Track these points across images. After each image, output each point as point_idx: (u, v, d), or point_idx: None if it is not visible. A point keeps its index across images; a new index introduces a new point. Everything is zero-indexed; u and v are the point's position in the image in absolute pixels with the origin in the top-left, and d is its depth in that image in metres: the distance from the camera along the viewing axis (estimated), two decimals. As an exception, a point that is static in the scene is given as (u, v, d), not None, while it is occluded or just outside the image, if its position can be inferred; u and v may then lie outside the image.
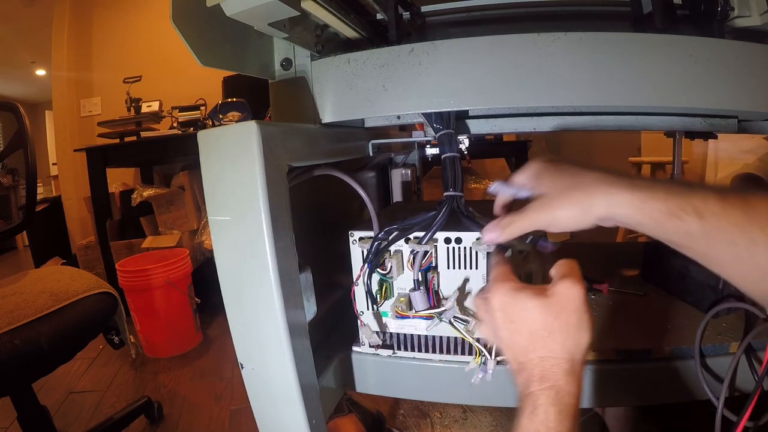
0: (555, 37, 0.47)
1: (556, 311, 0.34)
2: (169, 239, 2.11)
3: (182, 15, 0.43)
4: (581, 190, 0.34)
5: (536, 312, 0.34)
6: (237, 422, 1.27)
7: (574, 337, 0.33)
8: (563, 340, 0.33)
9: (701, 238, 0.31)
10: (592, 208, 0.33)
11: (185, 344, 1.79)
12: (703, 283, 0.69)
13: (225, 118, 1.86)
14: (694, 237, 0.31)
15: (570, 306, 0.34)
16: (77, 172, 2.82)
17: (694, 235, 0.31)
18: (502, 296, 0.36)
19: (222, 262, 0.45)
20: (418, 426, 1.19)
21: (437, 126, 0.56)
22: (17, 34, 3.67)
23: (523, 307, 0.35)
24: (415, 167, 1.03)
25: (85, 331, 0.86)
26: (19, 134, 1.07)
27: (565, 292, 0.34)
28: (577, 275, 0.35)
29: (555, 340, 0.33)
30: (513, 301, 0.36)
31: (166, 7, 0.41)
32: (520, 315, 0.35)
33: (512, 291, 0.36)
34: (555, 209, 0.35)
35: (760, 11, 0.53)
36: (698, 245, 0.31)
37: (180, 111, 2.30)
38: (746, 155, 2.29)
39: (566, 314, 0.34)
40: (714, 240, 0.30)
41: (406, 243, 0.54)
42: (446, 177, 0.53)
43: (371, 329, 0.58)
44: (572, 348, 0.33)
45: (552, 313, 0.34)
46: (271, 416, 0.49)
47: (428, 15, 0.66)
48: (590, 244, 1.10)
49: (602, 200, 0.32)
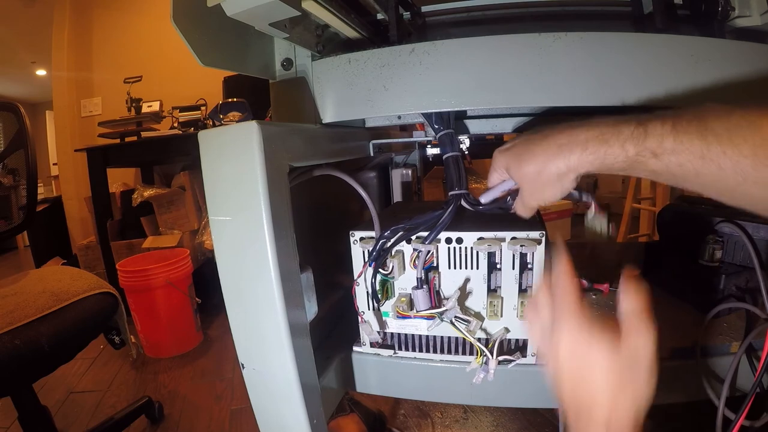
0: (555, 37, 0.47)
1: (629, 365, 0.32)
2: (169, 239, 2.11)
3: (183, 15, 0.43)
4: (544, 175, 0.38)
5: (608, 368, 0.32)
6: (237, 422, 1.27)
7: (643, 392, 0.32)
8: (633, 395, 0.32)
9: (665, 174, 0.33)
10: (563, 182, 0.38)
11: (186, 344, 1.79)
12: (703, 283, 0.69)
13: (225, 118, 1.86)
14: (658, 174, 0.33)
15: (643, 361, 0.32)
16: (78, 172, 2.83)
17: (658, 173, 0.33)
18: (571, 344, 0.34)
19: (223, 262, 0.45)
20: (419, 426, 1.19)
21: (437, 126, 0.57)
22: (17, 34, 3.67)
23: (595, 360, 0.33)
24: (416, 167, 1.03)
25: (85, 331, 0.85)
26: (20, 134, 1.07)
27: (639, 342, 0.32)
28: (648, 314, 0.33)
29: (625, 396, 0.32)
30: (583, 354, 0.33)
31: (167, 7, 0.41)
32: (590, 370, 0.33)
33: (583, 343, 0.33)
34: (534, 197, 0.40)
35: (760, 11, 0.53)
36: (666, 179, 0.34)
37: (180, 111, 2.30)
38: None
39: (639, 368, 0.32)
40: (678, 173, 0.32)
41: (408, 243, 0.54)
42: (450, 176, 0.53)
43: (372, 327, 0.58)
44: (640, 402, 0.32)
45: (625, 367, 0.32)
46: (272, 416, 0.49)
47: (428, 15, 0.66)
48: (590, 244, 1.10)
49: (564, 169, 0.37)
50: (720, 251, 0.68)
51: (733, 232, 0.66)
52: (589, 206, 0.48)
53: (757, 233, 0.64)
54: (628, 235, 2.62)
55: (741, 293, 0.65)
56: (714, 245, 0.68)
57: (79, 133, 2.93)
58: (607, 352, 0.32)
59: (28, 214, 1.10)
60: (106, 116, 2.61)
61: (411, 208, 0.77)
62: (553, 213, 2.99)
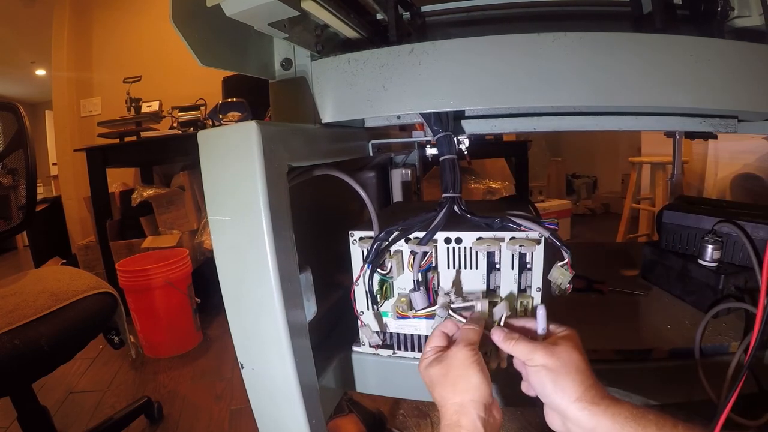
0: (555, 37, 0.47)
1: (446, 369, 0.44)
2: (169, 239, 2.11)
3: (182, 15, 0.43)
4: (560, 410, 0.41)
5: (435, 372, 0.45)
6: (237, 422, 1.27)
7: (461, 385, 0.42)
8: (456, 391, 0.42)
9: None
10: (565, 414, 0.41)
11: (185, 344, 1.79)
12: (703, 283, 0.69)
13: (225, 118, 1.86)
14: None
15: (455, 364, 0.44)
16: (77, 172, 2.82)
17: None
18: (421, 373, 0.47)
19: (222, 262, 0.45)
20: (418, 426, 1.19)
21: (436, 128, 0.57)
22: (17, 34, 3.67)
23: (432, 374, 0.45)
24: (415, 167, 1.03)
25: (85, 331, 0.85)
26: (19, 134, 1.07)
27: (452, 355, 0.44)
28: (470, 341, 0.45)
29: (452, 392, 0.43)
30: (425, 374, 0.46)
31: (166, 7, 0.41)
32: (431, 382, 0.46)
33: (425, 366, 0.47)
34: (547, 385, 0.41)
35: (759, 11, 0.53)
36: None
37: (180, 111, 2.30)
38: (746, 155, 2.29)
39: (457, 371, 0.43)
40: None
41: (406, 243, 0.54)
42: (445, 179, 0.54)
43: (371, 329, 0.58)
44: (472, 396, 0.42)
45: (443, 371, 0.44)
46: (271, 416, 0.49)
47: (428, 15, 0.66)
48: (590, 244, 1.10)
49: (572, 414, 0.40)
50: (719, 251, 0.68)
51: (732, 232, 0.66)
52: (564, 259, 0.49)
53: (756, 233, 0.64)
54: (628, 235, 2.62)
55: (740, 293, 0.65)
56: (713, 245, 0.68)
57: (78, 133, 2.92)
58: (434, 364, 0.45)
59: (28, 214, 1.10)
60: (105, 116, 2.61)
61: (410, 208, 0.77)
62: (553, 213, 3.00)
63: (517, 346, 0.44)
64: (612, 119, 0.65)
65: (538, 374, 0.42)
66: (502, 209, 0.57)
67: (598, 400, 0.39)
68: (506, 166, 2.65)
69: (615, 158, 3.88)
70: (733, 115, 0.65)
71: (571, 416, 0.40)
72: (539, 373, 0.41)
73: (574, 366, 0.41)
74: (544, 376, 0.41)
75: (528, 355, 0.42)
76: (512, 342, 0.44)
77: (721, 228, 0.68)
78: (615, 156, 3.89)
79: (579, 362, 0.41)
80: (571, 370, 0.41)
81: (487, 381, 0.43)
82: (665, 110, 0.64)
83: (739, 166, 2.33)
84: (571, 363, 0.41)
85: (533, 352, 0.42)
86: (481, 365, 0.43)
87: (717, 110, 0.62)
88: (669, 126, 0.68)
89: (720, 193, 2.43)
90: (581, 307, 0.74)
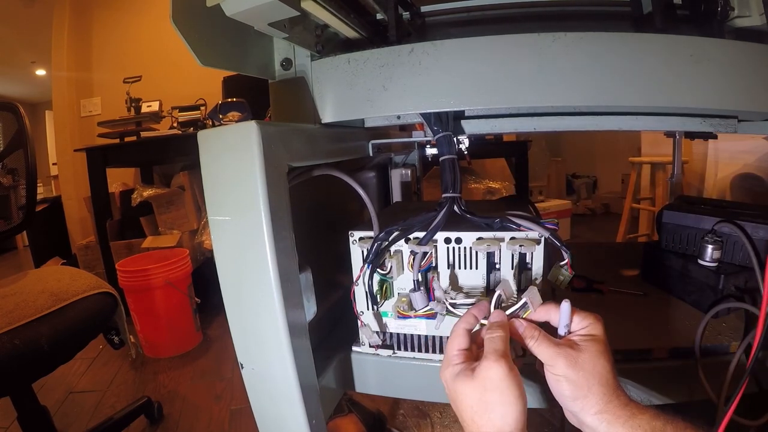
0: (555, 37, 0.47)
1: (482, 390, 0.38)
2: (169, 239, 2.11)
3: (182, 15, 0.43)
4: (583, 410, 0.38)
5: (463, 393, 0.39)
6: (237, 422, 1.27)
7: (507, 412, 0.37)
8: (492, 416, 0.37)
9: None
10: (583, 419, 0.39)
11: (185, 344, 1.79)
12: (703, 283, 0.69)
13: (225, 118, 1.86)
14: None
15: (498, 386, 0.37)
16: (77, 172, 2.82)
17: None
18: (445, 381, 0.42)
19: (222, 262, 0.45)
20: (418, 426, 1.19)
21: (436, 128, 0.56)
22: (17, 34, 3.67)
23: (461, 391, 0.40)
24: (415, 167, 1.03)
25: (85, 331, 0.86)
26: (19, 134, 1.07)
27: (489, 371, 0.38)
28: (500, 353, 0.39)
29: (488, 416, 0.37)
30: (452, 386, 0.41)
31: (166, 7, 0.41)
32: (454, 395, 0.40)
33: (451, 376, 0.41)
34: (567, 396, 0.39)
35: (760, 11, 0.53)
36: None
37: (180, 111, 2.30)
38: (746, 155, 2.29)
39: (495, 393, 0.37)
40: None
41: (406, 243, 0.54)
42: (445, 179, 0.53)
43: (371, 329, 0.58)
44: (507, 420, 0.37)
45: (479, 392, 0.38)
46: (271, 416, 0.49)
47: (428, 15, 0.66)
48: (590, 244, 1.10)
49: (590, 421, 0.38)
50: (719, 251, 0.68)
51: (732, 232, 0.66)
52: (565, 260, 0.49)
53: (756, 233, 0.64)
54: (628, 235, 2.63)
55: (740, 293, 0.65)
56: (713, 245, 0.68)
57: (78, 133, 2.93)
58: (464, 379, 0.39)
59: (28, 214, 1.10)
60: (105, 116, 2.62)
61: (410, 208, 0.77)
62: (553, 213, 3.00)
63: (540, 346, 0.40)
64: (612, 119, 0.65)
65: (558, 383, 0.39)
66: (502, 209, 0.57)
67: (619, 411, 0.37)
68: (506, 166, 2.65)
69: (615, 158, 3.88)
70: (733, 115, 0.65)
71: (589, 425, 0.38)
72: (560, 383, 0.39)
73: (597, 378, 0.38)
74: (565, 389, 0.38)
75: (549, 360, 0.39)
76: (533, 341, 0.41)
77: (721, 228, 0.68)
78: (615, 156, 3.89)
79: (603, 372, 0.38)
80: (594, 384, 0.38)
81: (525, 403, 0.38)
82: (665, 110, 0.64)
83: (739, 166, 2.33)
84: (596, 375, 0.38)
85: (555, 358, 0.39)
86: (519, 385, 0.38)
87: (717, 110, 0.62)
88: (669, 126, 0.68)
89: (720, 193, 2.43)
90: (581, 307, 0.73)
